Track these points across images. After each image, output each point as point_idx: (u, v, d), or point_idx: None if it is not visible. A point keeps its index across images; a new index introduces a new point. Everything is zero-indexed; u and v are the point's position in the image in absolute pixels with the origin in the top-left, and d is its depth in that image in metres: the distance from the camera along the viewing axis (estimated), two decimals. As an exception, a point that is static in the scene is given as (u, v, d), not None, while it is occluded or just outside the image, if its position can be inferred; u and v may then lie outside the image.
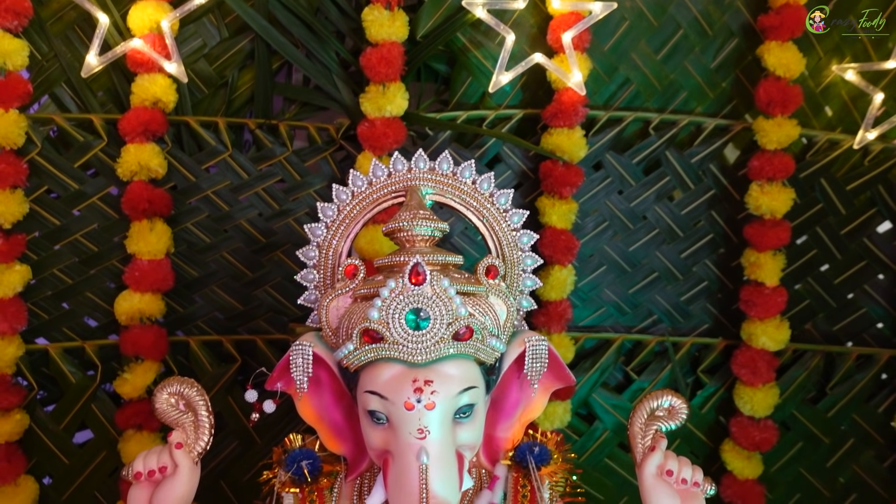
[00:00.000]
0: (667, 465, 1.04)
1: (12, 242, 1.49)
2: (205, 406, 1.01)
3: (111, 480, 1.60)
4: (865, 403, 1.69)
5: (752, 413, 1.59)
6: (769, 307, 1.57)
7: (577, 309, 1.66)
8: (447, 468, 0.94)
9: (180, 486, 0.97)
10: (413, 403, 0.92)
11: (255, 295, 1.63)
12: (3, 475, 1.49)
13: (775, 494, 1.70)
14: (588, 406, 1.68)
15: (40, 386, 1.57)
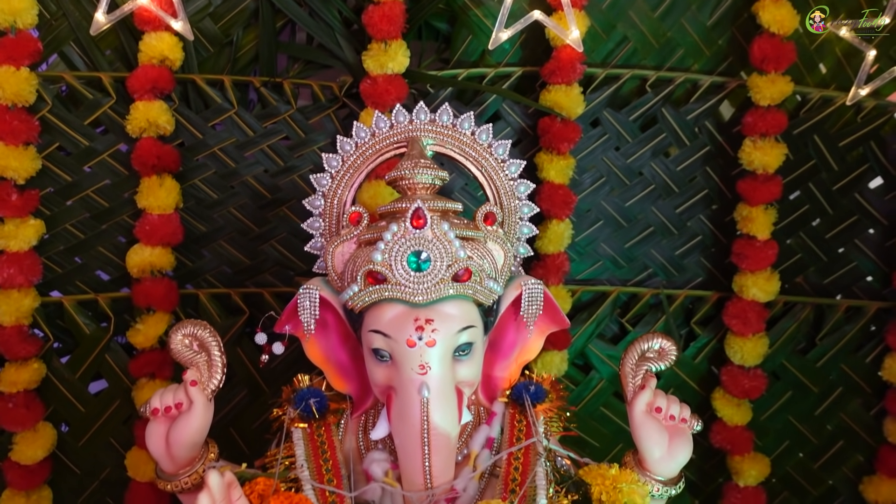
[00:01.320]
0: (656, 402, 1.09)
1: (26, 198, 1.53)
2: (217, 347, 1.06)
3: (125, 427, 1.66)
4: (853, 354, 1.74)
5: (742, 362, 1.65)
6: (760, 260, 1.62)
7: (574, 263, 1.71)
8: (447, 402, 1.00)
9: (195, 420, 1.03)
10: (415, 341, 0.97)
11: (262, 249, 1.68)
12: (22, 421, 1.55)
13: (765, 441, 1.76)
14: (584, 356, 1.74)
15: (56, 337, 1.62)
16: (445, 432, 0.99)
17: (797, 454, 1.79)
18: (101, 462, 1.67)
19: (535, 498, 0.99)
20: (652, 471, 1.08)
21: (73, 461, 1.67)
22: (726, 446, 1.68)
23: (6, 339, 1.53)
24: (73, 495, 1.68)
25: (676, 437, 1.08)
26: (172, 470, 1.05)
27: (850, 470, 1.78)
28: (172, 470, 1.05)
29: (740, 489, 1.68)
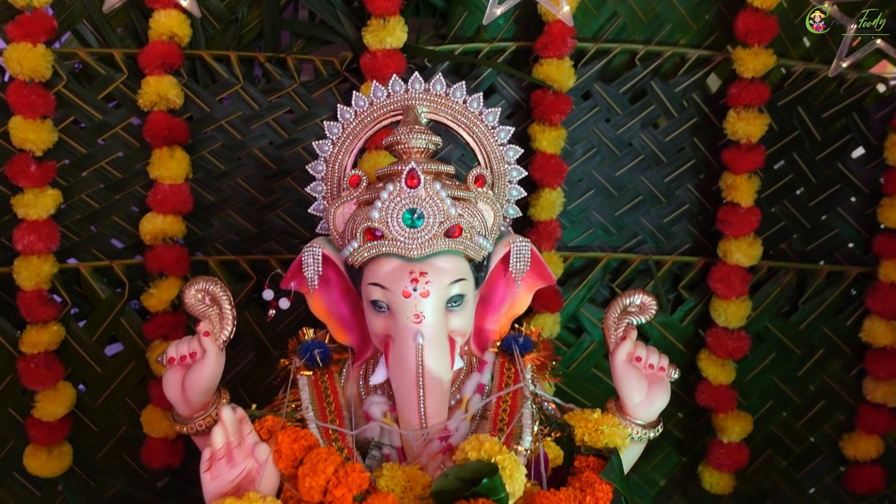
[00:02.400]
0: (636, 352, 1.17)
1: (44, 168, 1.61)
2: (228, 301, 1.14)
3: (140, 387, 1.75)
4: (835, 317, 1.82)
5: (726, 324, 1.73)
6: (743, 226, 1.69)
7: (566, 230, 1.79)
8: (440, 348, 1.08)
9: (208, 368, 1.11)
10: (410, 292, 1.06)
11: (268, 218, 1.76)
12: (43, 380, 1.64)
13: (750, 401, 1.84)
14: (576, 320, 1.82)
15: (73, 302, 1.71)
16: (439, 376, 1.08)
17: (780, 413, 1.86)
18: (117, 420, 1.76)
19: (521, 436, 1.07)
20: (632, 415, 1.17)
21: (92, 419, 1.76)
22: (711, 404, 1.76)
23: (27, 303, 1.62)
24: (92, 452, 1.77)
25: (655, 384, 1.17)
26: (188, 414, 1.14)
27: (831, 428, 1.85)
28: (188, 414, 1.14)
29: (724, 445, 1.76)
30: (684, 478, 1.90)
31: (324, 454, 0.97)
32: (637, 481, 1.90)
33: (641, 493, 1.90)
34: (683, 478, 1.90)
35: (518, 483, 0.95)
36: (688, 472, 1.89)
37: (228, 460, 0.97)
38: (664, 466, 1.90)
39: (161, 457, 1.69)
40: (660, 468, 1.90)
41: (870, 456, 1.77)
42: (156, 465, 1.70)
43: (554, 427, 1.11)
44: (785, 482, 1.87)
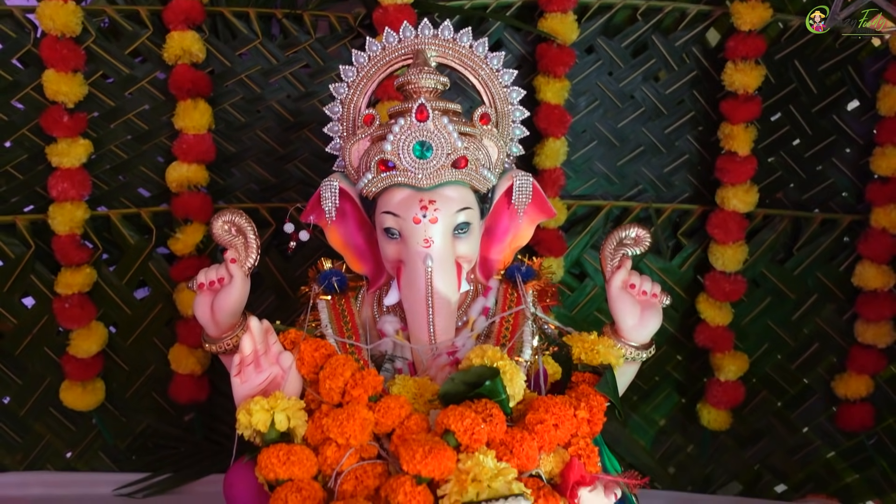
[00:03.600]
0: (630, 279, 1.26)
1: (76, 119, 1.71)
2: (252, 231, 1.24)
3: (167, 329, 1.86)
4: (828, 263, 1.89)
5: (723, 268, 1.81)
6: (740, 173, 1.77)
7: (570, 180, 1.87)
8: (447, 271, 1.17)
9: (235, 292, 1.21)
10: (420, 218, 1.15)
11: (286, 169, 1.86)
12: (78, 319, 1.75)
13: (746, 344, 1.92)
14: (580, 265, 1.90)
15: (104, 249, 1.82)
16: (446, 297, 1.17)
17: (775, 356, 1.94)
18: (146, 359, 1.88)
19: (521, 350, 1.17)
20: (626, 337, 1.26)
21: (122, 359, 1.87)
22: (709, 345, 1.85)
23: (61, 247, 1.73)
24: (122, 389, 1.89)
25: (648, 309, 1.26)
26: (217, 334, 1.24)
27: (824, 370, 1.93)
28: (217, 334, 1.24)
29: (721, 383, 1.85)
30: (683, 418, 1.99)
31: (342, 360, 1.07)
32: (638, 421, 1.99)
33: (642, 433, 1.99)
34: (683, 417, 1.99)
35: (518, 387, 1.05)
36: (687, 412, 1.97)
37: (256, 366, 1.07)
38: (664, 407, 1.99)
39: (188, 392, 1.80)
40: (660, 409, 1.99)
41: (860, 395, 1.85)
42: (183, 400, 1.81)
43: (553, 344, 1.20)
44: (779, 421, 1.95)
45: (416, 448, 0.94)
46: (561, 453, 1.05)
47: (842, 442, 1.92)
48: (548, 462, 1.04)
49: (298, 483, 0.98)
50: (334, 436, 1.00)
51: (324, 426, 1.02)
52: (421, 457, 0.93)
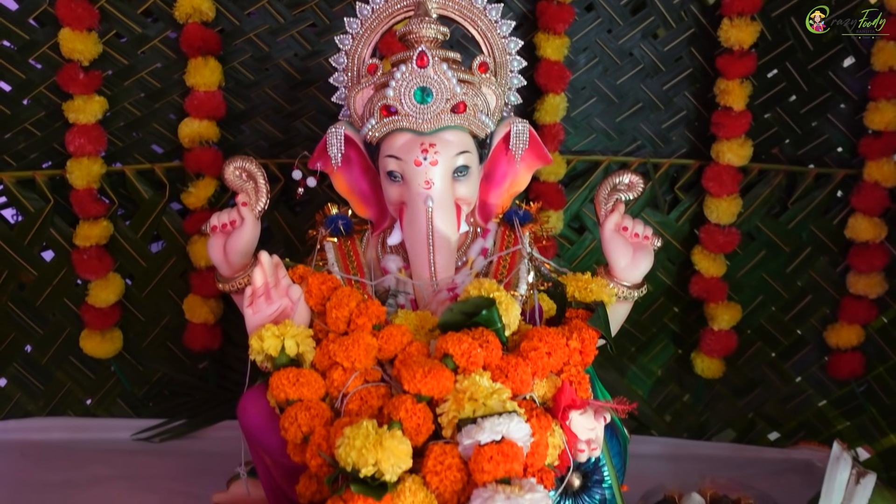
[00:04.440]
0: (623, 222, 1.32)
1: (91, 77, 1.77)
2: (262, 176, 1.30)
3: (181, 280, 1.93)
4: (822, 217, 1.94)
5: (717, 220, 1.86)
6: (735, 128, 1.81)
7: (570, 136, 1.92)
8: (447, 212, 1.24)
9: (246, 234, 1.28)
10: (421, 161, 1.21)
11: (294, 126, 1.91)
12: (96, 270, 1.83)
13: (741, 296, 1.97)
14: (579, 219, 1.96)
15: (120, 204, 1.89)
16: (446, 236, 1.24)
17: (770, 308, 2.00)
18: (161, 310, 1.95)
19: (517, 285, 1.23)
20: (619, 277, 1.32)
21: (138, 310, 1.95)
22: (703, 295, 1.91)
23: (79, 200, 1.80)
24: (139, 339, 1.97)
25: (639, 250, 1.32)
26: (229, 274, 1.31)
27: (817, 321, 1.99)
28: (229, 274, 1.31)
29: (715, 333, 1.91)
30: (680, 368, 2.05)
31: (348, 291, 1.14)
32: (636, 371, 2.06)
33: (640, 383, 2.06)
34: (679, 368, 2.05)
35: (513, 317, 1.11)
36: (683, 362, 2.04)
37: (267, 298, 1.14)
38: (661, 357, 2.06)
39: (202, 340, 1.88)
40: (657, 359, 2.06)
41: (851, 344, 1.90)
42: (197, 348, 1.89)
43: (547, 280, 1.26)
44: (773, 371, 2.02)
45: (416, 369, 1.01)
46: (553, 379, 1.12)
47: (833, 390, 1.99)
48: (541, 387, 1.10)
49: (307, 403, 1.05)
50: (340, 360, 1.07)
51: (330, 351, 1.09)
52: (421, 376, 1.00)
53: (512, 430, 0.97)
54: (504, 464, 0.95)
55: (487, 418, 0.98)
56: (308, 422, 1.03)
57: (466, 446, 0.98)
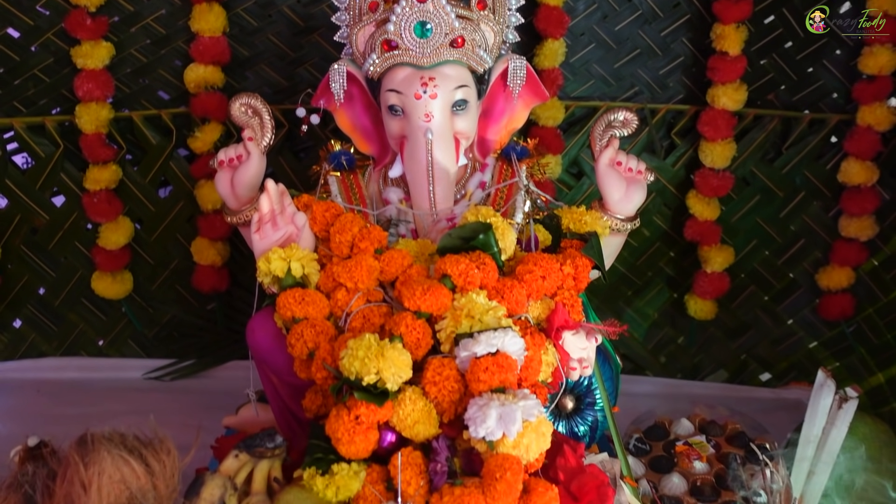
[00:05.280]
0: (617, 157, 1.37)
1: (98, 23, 1.80)
2: (267, 112, 1.35)
3: (189, 224, 1.98)
4: (816, 162, 1.97)
5: (712, 164, 1.90)
6: (730, 72, 1.84)
7: (569, 82, 1.95)
8: (446, 144, 1.28)
9: (252, 168, 1.33)
10: (421, 94, 1.25)
11: (297, 72, 1.95)
12: (107, 213, 1.88)
13: (735, 241, 2.01)
14: (577, 165, 2.00)
15: (128, 150, 1.93)
16: (445, 167, 1.28)
17: (763, 252, 2.04)
18: (170, 254, 2.01)
19: (514, 214, 1.28)
20: (613, 210, 1.37)
21: (148, 253, 2.01)
22: (697, 238, 1.95)
23: (88, 144, 1.84)
24: (149, 282, 2.03)
25: (633, 184, 1.36)
26: (237, 207, 1.36)
27: (809, 265, 2.03)
28: (237, 207, 1.36)
29: (708, 275, 1.96)
30: (674, 311, 2.10)
31: (350, 217, 1.19)
32: (631, 314, 2.11)
33: (635, 325, 2.12)
34: (674, 311, 2.11)
35: (509, 241, 1.16)
36: (677, 306, 2.09)
37: (273, 225, 1.19)
38: (656, 301, 2.11)
39: (210, 282, 1.93)
40: (652, 303, 2.11)
41: (841, 285, 1.95)
42: (205, 289, 1.94)
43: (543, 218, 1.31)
44: (765, 314, 2.07)
45: (415, 287, 1.06)
46: (547, 302, 1.17)
47: (823, 332, 2.04)
48: (535, 308, 1.16)
49: (313, 321, 1.11)
50: (344, 280, 1.13)
51: (334, 273, 1.14)
52: (420, 294, 1.05)
53: (507, 343, 1.02)
54: (499, 374, 1.00)
55: (483, 332, 1.03)
56: (313, 338, 1.09)
57: (463, 358, 1.03)
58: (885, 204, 1.90)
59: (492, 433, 0.97)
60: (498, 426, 0.97)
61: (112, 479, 0.84)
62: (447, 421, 1.06)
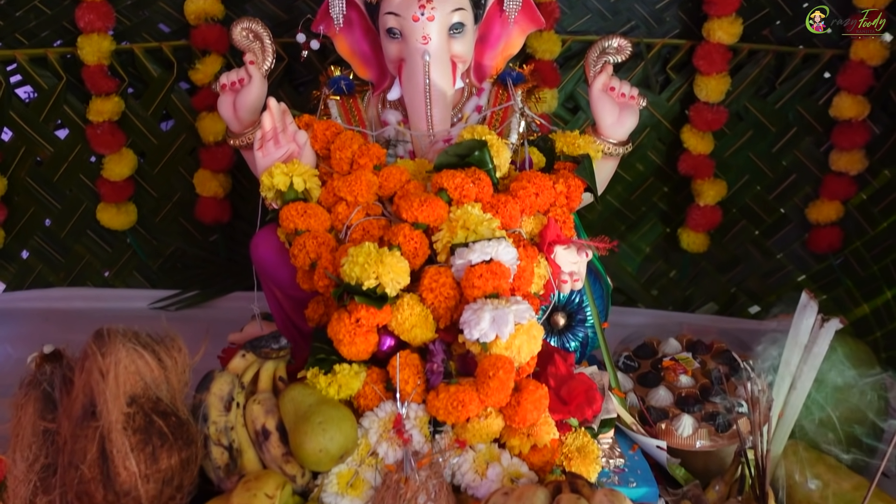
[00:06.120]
0: (610, 83, 1.39)
1: (97, -48, 1.82)
2: (268, 36, 1.38)
3: (191, 157, 2.02)
4: (808, 97, 2.00)
5: (706, 98, 1.93)
6: (725, 5, 1.86)
7: (565, 16, 1.96)
8: (443, 66, 1.31)
9: (254, 90, 1.36)
10: (418, 17, 1.27)
11: (296, 5, 1.96)
12: (109, 144, 1.91)
13: (728, 176, 2.05)
14: (574, 99, 2.03)
15: (129, 83, 1.96)
16: (442, 89, 1.32)
17: (755, 187, 2.08)
18: (173, 187, 2.05)
19: (509, 134, 1.32)
20: (606, 134, 1.40)
21: (151, 186, 2.04)
22: (691, 172, 1.99)
23: (91, 75, 1.87)
24: (152, 214, 2.07)
25: (625, 109, 1.40)
26: (239, 130, 1.39)
27: (800, 199, 2.07)
28: (239, 130, 1.39)
29: (700, 208, 2.00)
30: (667, 245, 2.15)
31: (350, 135, 1.23)
32: (626, 249, 2.16)
33: (629, 260, 2.17)
34: (666, 245, 2.15)
35: (504, 159, 1.20)
36: (670, 240, 2.14)
37: (275, 142, 1.23)
38: (650, 235, 2.16)
39: (212, 212, 1.98)
40: (646, 237, 2.16)
41: (830, 219, 1.99)
42: (208, 220, 1.99)
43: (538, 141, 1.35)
44: (756, 248, 2.12)
45: (413, 199, 1.11)
46: (540, 218, 1.22)
47: (812, 266, 2.09)
48: (528, 223, 1.20)
49: (314, 233, 1.15)
50: (344, 194, 1.17)
51: (335, 188, 1.18)
52: (418, 205, 1.10)
53: (500, 252, 1.07)
54: (492, 280, 1.05)
55: (478, 242, 1.08)
56: (315, 248, 1.13)
57: (459, 266, 1.08)
58: (876, 138, 1.93)
59: (485, 335, 1.02)
60: (491, 328, 1.02)
61: (128, 369, 0.89)
62: (443, 327, 1.11)
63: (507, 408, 1.03)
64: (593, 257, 1.30)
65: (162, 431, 0.88)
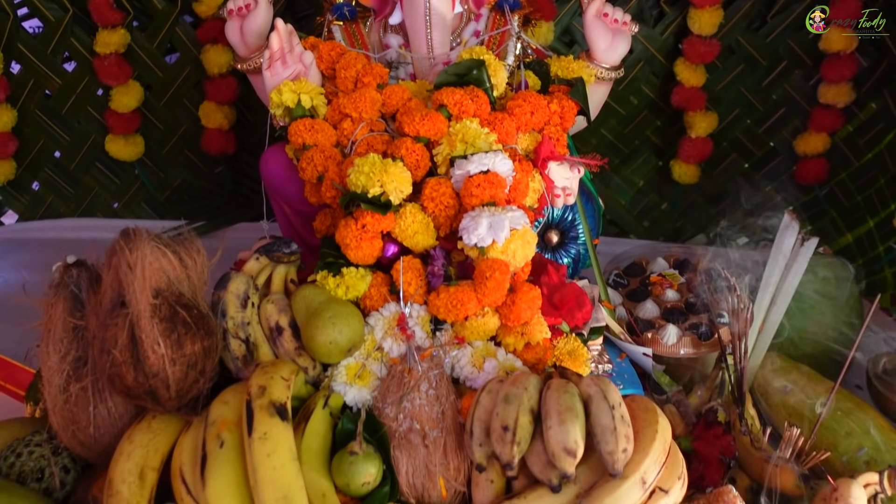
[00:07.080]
0: (603, 9, 1.45)
1: None
2: (273, -38, 1.42)
3: (196, 91, 2.07)
4: (799, 31, 2.04)
5: (699, 31, 1.97)
6: (720, -61, 1.90)
7: (562, -43, 2.00)
8: (443, -9, 1.36)
9: (260, 16, 1.42)
10: (419, -58, 1.32)
11: (299, -64, 2.00)
12: (116, 76, 1.96)
13: (720, 109, 2.10)
14: (570, 33, 2.07)
15: (134, 16, 1.99)
16: (442, 13, 1.37)
17: (745, 121, 2.14)
18: (178, 119, 2.10)
19: (506, 56, 1.37)
20: (599, 59, 1.46)
21: (157, 119, 2.10)
22: (683, 104, 2.04)
23: (97, 7, 1.90)
24: (159, 146, 2.13)
25: (618, 35, 1.45)
26: (246, 54, 1.45)
27: (788, 133, 2.13)
28: (246, 54, 1.45)
29: (692, 140, 2.06)
30: (660, 179, 2.22)
31: (354, 55, 1.29)
32: (619, 182, 2.23)
33: (622, 192, 2.23)
34: (659, 179, 2.22)
35: (501, 78, 1.26)
36: (662, 173, 2.20)
37: (282, 62, 1.28)
38: (643, 169, 2.22)
39: (217, 144, 2.03)
40: (639, 171, 2.22)
41: (817, 150, 2.06)
42: (213, 152, 2.05)
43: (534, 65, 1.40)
44: (745, 181, 2.18)
45: (414, 114, 1.17)
46: (535, 135, 1.28)
47: (799, 197, 2.16)
48: (524, 140, 1.27)
49: (321, 147, 1.22)
50: (349, 111, 1.23)
51: (340, 105, 1.25)
52: (419, 119, 1.16)
53: (497, 163, 1.14)
54: (489, 189, 1.12)
55: (476, 154, 1.14)
56: (323, 162, 1.20)
57: (457, 177, 1.15)
58: (863, 70, 1.98)
59: (482, 240, 1.09)
60: (488, 233, 1.09)
61: (153, 265, 0.97)
62: (443, 235, 1.18)
63: (503, 307, 1.11)
64: (585, 177, 1.36)
65: (185, 321, 0.96)
